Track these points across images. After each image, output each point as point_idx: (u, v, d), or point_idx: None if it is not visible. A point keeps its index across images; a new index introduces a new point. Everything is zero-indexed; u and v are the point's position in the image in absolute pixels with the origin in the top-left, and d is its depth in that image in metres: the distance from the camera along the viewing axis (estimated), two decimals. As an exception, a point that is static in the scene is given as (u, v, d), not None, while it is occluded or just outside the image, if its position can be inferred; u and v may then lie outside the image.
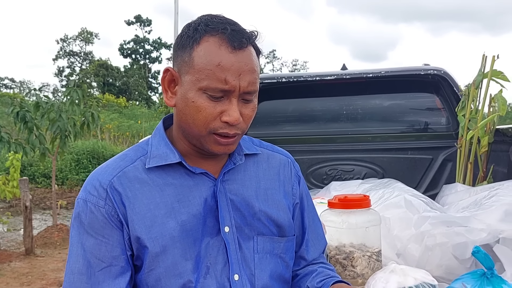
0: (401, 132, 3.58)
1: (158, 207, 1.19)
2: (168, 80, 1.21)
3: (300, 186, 1.43)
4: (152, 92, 45.98)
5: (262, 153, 1.38)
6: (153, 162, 1.22)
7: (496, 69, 2.44)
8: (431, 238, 1.81)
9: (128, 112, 24.05)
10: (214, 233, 1.22)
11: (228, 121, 1.14)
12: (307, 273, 1.38)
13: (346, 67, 3.70)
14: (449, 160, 3.42)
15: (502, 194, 1.83)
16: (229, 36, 1.12)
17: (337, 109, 3.65)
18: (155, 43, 46.38)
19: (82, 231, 1.19)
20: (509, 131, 2.45)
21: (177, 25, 10.54)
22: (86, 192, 1.21)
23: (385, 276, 1.71)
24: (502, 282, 1.57)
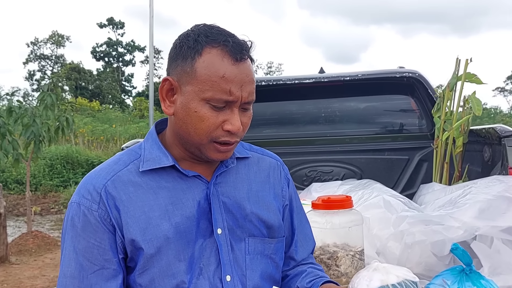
0: (378, 134, 3.66)
1: (152, 209, 1.21)
2: (166, 89, 1.23)
3: (289, 188, 1.46)
4: (126, 96, 45.57)
5: (252, 156, 1.41)
6: (147, 166, 1.24)
7: (469, 72, 2.53)
8: (410, 236, 1.87)
9: (102, 116, 23.74)
10: (207, 235, 1.24)
11: (231, 130, 1.18)
12: (297, 273, 1.41)
13: (323, 71, 3.77)
14: (424, 160, 3.50)
15: (475, 192, 1.90)
16: (231, 48, 1.16)
17: (316, 112, 3.71)
18: (129, 46, 45.93)
19: (74, 234, 1.20)
20: (483, 132, 2.54)
21: (152, 29, 10.47)
22: (79, 195, 1.22)
23: (368, 275, 1.75)
24: (481, 277, 1.63)
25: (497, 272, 1.78)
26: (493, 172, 2.37)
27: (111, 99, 41.39)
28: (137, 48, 46.16)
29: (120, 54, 45.77)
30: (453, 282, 1.65)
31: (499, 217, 1.76)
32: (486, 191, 1.87)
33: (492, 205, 1.79)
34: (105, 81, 42.22)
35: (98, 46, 45.53)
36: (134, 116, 26.34)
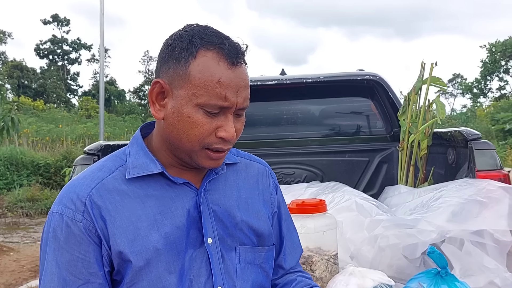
0: (339, 136, 3.69)
1: (140, 219, 1.14)
2: (156, 92, 1.16)
3: (278, 194, 1.42)
4: (71, 95, 44.31)
5: (240, 162, 1.37)
6: (134, 173, 1.18)
7: (434, 76, 2.58)
8: (384, 239, 1.88)
9: (47, 115, 22.96)
10: (197, 245, 1.19)
11: (225, 137, 1.13)
12: (286, 282, 1.38)
13: (285, 72, 3.76)
14: (384, 162, 3.56)
15: (447, 196, 1.93)
16: (227, 52, 1.11)
17: (278, 114, 3.70)
18: (74, 44, 44.66)
19: (57, 247, 1.12)
20: (447, 135, 2.59)
21: (103, 27, 10.22)
22: (62, 205, 1.14)
23: (344, 279, 1.75)
24: (455, 280, 1.65)
25: (468, 273, 1.81)
26: (459, 175, 2.42)
27: (56, 98, 40.17)
28: (84, 46, 44.99)
29: (65, 52, 44.46)
30: (429, 285, 1.66)
31: (472, 221, 1.79)
32: (458, 195, 1.90)
33: (464, 209, 1.82)
34: (50, 80, 40.88)
35: (42, 43, 44.07)
36: (80, 116, 25.63)
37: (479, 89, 28.32)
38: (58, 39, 44.01)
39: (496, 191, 1.87)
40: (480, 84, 28.15)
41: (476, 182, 1.99)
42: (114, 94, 38.87)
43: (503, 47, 24.68)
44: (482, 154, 2.27)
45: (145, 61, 45.94)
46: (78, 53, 45.14)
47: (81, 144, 16.17)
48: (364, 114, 3.69)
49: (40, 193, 10.90)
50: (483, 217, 1.81)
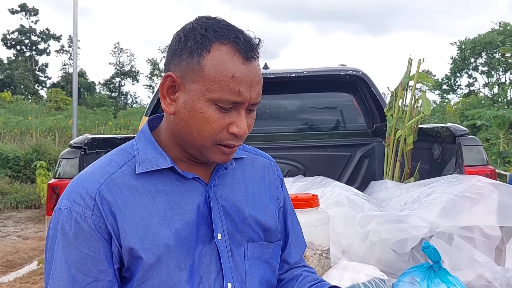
0: (321, 130, 3.70)
1: (151, 215, 1.12)
2: (167, 86, 1.13)
3: (283, 189, 1.42)
4: (39, 86, 43.37)
5: (246, 156, 1.35)
6: (144, 167, 1.15)
7: (421, 72, 2.60)
8: (376, 234, 1.89)
9: (15, 107, 22.43)
10: (206, 240, 1.18)
11: (237, 133, 1.11)
12: (292, 277, 1.37)
13: (267, 66, 3.76)
14: (366, 157, 3.59)
15: (438, 192, 1.96)
16: (242, 46, 1.09)
17: (260, 108, 3.68)
18: (43, 34, 43.69)
19: (66, 243, 1.09)
20: (433, 131, 2.62)
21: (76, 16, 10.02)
22: (70, 201, 1.11)
23: (338, 274, 1.75)
24: (448, 274, 1.68)
25: (458, 267, 1.83)
26: (446, 170, 2.45)
27: (24, 90, 39.25)
28: (53, 36, 44.05)
29: (33, 42, 43.46)
30: (422, 279, 1.68)
31: (463, 216, 1.82)
32: (449, 191, 1.92)
33: (456, 205, 1.85)
34: (17, 71, 39.94)
35: (9, 33, 42.96)
36: (49, 108, 25.12)
37: (448, 86, 28.87)
38: (26, 29, 42.98)
39: (486, 187, 1.90)
40: (450, 81, 28.71)
41: (466, 179, 2.02)
42: (84, 86, 38.22)
43: (473, 44, 25.19)
44: (470, 150, 2.31)
45: (116, 53, 45.31)
46: (46, 44, 44.20)
47: (51, 136, 15.88)
48: (346, 109, 3.72)
49: (10, 187, 10.67)
50: (473, 213, 1.84)
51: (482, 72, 27.49)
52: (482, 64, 27.03)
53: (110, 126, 19.46)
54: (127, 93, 45.26)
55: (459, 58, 27.10)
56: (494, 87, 23.87)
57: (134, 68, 45.08)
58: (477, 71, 27.81)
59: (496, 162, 9.25)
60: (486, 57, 26.29)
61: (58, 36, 44.16)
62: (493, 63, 25.25)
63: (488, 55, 25.99)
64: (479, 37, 25.18)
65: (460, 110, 18.97)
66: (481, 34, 25.22)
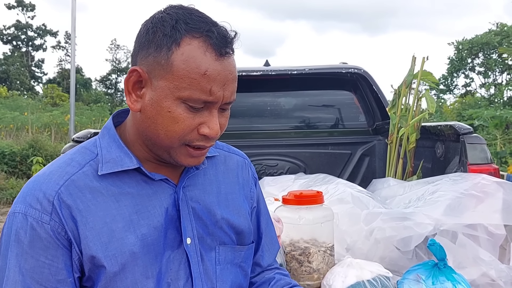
0: (322, 128, 3.70)
1: (115, 220, 1.04)
2: (133, 81, 1.06)
3: (257, 188, 1.35)
4: (35, 82, 43.19)
5: (219, 154, 1.28)
6: (107, 168, 1.07)
7: (425, 70, 2.60)
8: (380, 232, 1.88)
9: (11, 103, 22.32)
10: (175, 245, 1.10)
11: (208, 134, 1.04)
12: (264, 281, 1.32)
13: (269, 64, 3.75)
14: (366, 155, 3.59)
15: (443, 190, 1.96)
16: (215, 41, 1.00)
17: (262, 105, 3.68)
18: (39, 30, 43.46)
19: (20, 252, 1.00)
20: (436, 129, 2.62)
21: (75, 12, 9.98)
22: (26, 205, 1.02)
23: (343, 271, 1.75)
24: (452, 272, 1.68)
25: (462, 265, 1.83)
26: (449, 168, 2.45)
27: (20, 85, 39.06)
28: (49, 32, 43.84)
29: (30, 38, 43.20)
30: (427, 276, 1.68)
31: (468, 214, 1.82)
32: (454, 189, 1.92)
33: (461, 203, 1.85)
34: (13, 66, 39.72)
35: (5, 28, 42.70)
36: (45, 104, 25.02)
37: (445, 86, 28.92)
38: (22, 25, 42.75)
39: (491, 186, 1.90)
40: (447, 81, 28.76)
41: (471, 177, 2.02)
42: (80, 83, 38.05)
43: (470, 45, 25.25)
44: (474, 148, 2.31)
45: (112, 49, 45.15)
46: (43, 40, 43.95)
47: (47, 132, 15.81)
48: (347, 107, 3.72)
49: (5, 182, 10.60)
50: (478, 211, 1.84)
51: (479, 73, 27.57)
52: (479, 64, 27.10)
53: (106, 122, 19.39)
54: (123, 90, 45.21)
55: (456, 58, 27.16)
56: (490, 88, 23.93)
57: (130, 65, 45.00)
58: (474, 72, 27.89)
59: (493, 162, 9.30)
60: (483, 58, 26.37)
61: (54, 32, 43.93)
62: (490, 64, 25.31)
63: (485, 55, 26.07)
64: (476, 38, 25.24)
65: (457, 110, 19.01)
66: (478, 35, 25.29)
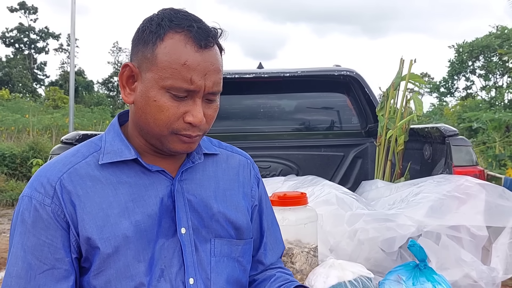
0: (315, 130, 3.72)
1: (111, 206, 1.13)
2: (126, 76, 1.15)
3: (259, 188, 1.41)
4: (38, 85, 43.29)
5: (221, 153, 1.35)
6: (107, 158, 1.17)
7: (413, 72, 2.62)
8: (364, 233, 1.90)
9: (13, 105, 22.39)
10: (169, 234, 1.18)
11: (192, 122, 1.11)
12: (265, 278, 1.36)
13: (262, 66, 3.77)
14: (359, 157, 3.61)
15: (426, 191, 1.97)
16: (195, 34, 1.09)
17: (255, 107, 3.70)
18: (42, 33, 43.57)
19: (24, 230, 1.11)
20: (424, 131, 2.64)
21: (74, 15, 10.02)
22: (32, 189, 1.13)
23: (325, 272, 1.76)
24: (433, 273, 1.69)
25: (445, 267, 1.84)
26: (435, 170, 2.46)
27: (22, 88, 39.16)
28: (51, 35, 43.97)
29: (32, 40, 43.35)
30: (408, 277, 1.69)
31: (450, 216, 1.83)
32: (437, 190, 1.93)
33: (443, 204, 1.86)
34: (15, 69, 39.81)
35: (8, 31, 42.83)
36: (47, 107, 25.08)
37: (446, 88, 28.90)
38: (25, 27, 42.90)
39: (474, 187, 1.91)
40: (448, 84, 28.74)
41: (454, 179, 2.03)
42: (82, 85, 38.14)
43: (470, 47, 25.22)
44: (459, 150, 2.32)
45: (114, 52, 45.26)
46: (45, 42, 44.08)
47: (48, 134, 15.85)
48: (340, 110, 3.73)
49: (5, 184, 10.64)
50: (460, 212, 1.85)
51: (480, 75, 27.53)
52: (480, 67, 27.07)
53: (107, 124, 19.45)
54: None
55: (457, 61, 27.13)
56: (491, 90, 23.90)
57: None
58: (475, 74, 27.85)
59: (492, 165, 9.27)
60: (484, 60, 26.33)
61: (57, 34, 44.08)
62: (491, 67, 25.28)
63: (485, 58, 26.03)
64: (476, 40, 25.21)
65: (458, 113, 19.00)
66: (479, 38, 25.26)
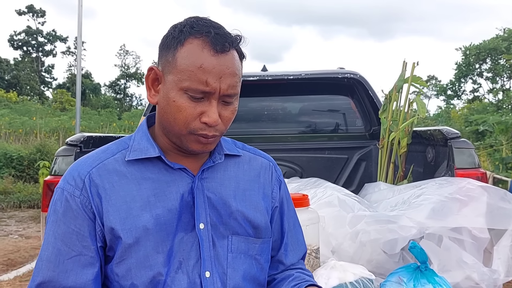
0: (319, 133, 3.72)
1: (134, 200, 1.22)
2: (152, 78, 1.25)
3: (281, 190, 1.45)
4: (45, 87, 43.52)
5: (244, 155, 1.41)
6: (133, 155, 1.26)
7: (415, 75, 2.62)
8: (365, 234, 1.90)
9: (21, 107, 22.52)
10: (188, 229, 1.24)
11: (207, 122, 1.18)
12: (284, 277, 1.40)
13: (266, 69, 3.78)
14: (363, 159, 3.61)
15: (428, 193, 1.97)
16: (212, 39, 1.16)
17: (259, 110, 3.72)
18: (49, 36, 43.80)
19: (55, 219, 1.21)
20: (427, 133, 2.64)
21: (81, 18, 10.07)
22: (64, 181, 1.24)
23: (326, 273, 1.77)
24: (434, 274, 1.69)
25: (446, 269, 1.85)
26: (438, 173, 2.46)
27: (30, 91, 39.38)
28: (59, 38, 44.19)
29: (40, 43, 43.58)
30: (409, 279, 1.70)
31: (452, 218, 1.83)
32: (439, 193, 1.94)
33: (445, 206, 1.86)
34: (23, 71, 40.03)
35: (16, 34, 43.09)
36: (54, 109, 25.21)
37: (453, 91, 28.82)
38: (33, 30, 43.15)
39: (475, 190, 1.92)
40: (455, 86, 28.66)
41: (456, 181, 2.03)
42: (89, 88, 38.30)
43: (477, 50, 25.14)
44: (461, 153, 2.32)
45: (121, 55, 45.42)
46: (53, 45, 44.28)
47: (56, 137, 15.93)
48: (344, 112, 3.74)
49: (13, 186, 10.71)
50: (462, 214, 1.85)
51: (487, 78, 27.44)
52: (487, 70, 26.98)
53: (114, 127, 19.54)
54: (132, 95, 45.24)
55: (464, 64, 27.04)
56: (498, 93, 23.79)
57: (139, 70, 45.16)
58: (482, 77, 27.75)
59: (499, 168, 9.22)
60: (491, 63, 26.24)
61: (64, 37, 44.27)
62: (498, 69, 25.20)
63: (492, 61, 25.94)
64: (483, 43, 25.13)
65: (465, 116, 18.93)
66: (486, 40, 25.18)
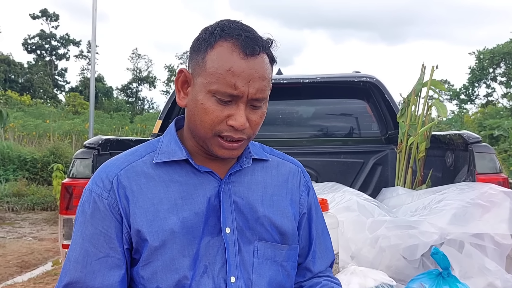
0: (334, 137, 3.70)
1: (162, 202, 1.21)
2: (181, 81, 1.24)
3: (309, 196, 1.42)
4: (58, 91, 43.87)
5: (272, 160, 1.38)
6: (161, 158, 1.25)
7: (434, 79, 2.59)
8: (385, 240, 1.88)
9: (34, 110, 22.72)
10: (215, 233, 1.22)
11: (234, 125, 1.16)
12: (312, 285, 1.37)
13: (281, 72, 3.77)
14: (379, 164, 3.58)
15: (449, 198, 1.94)
16: (242, 42, 1.15)
17: (273, 113, 3.70)
18: (63, 39, 44.20)
19: (83, 220, 1.21)
20: (446, 138, 2.60)
21: (95, 22, 10.13)
22: (93, 182, 1.24)
23: (346, 278, 1.75)
24: (457, 281, 1.67)
25: (468, 275, 1.82)
26: (458, 177, 2.43)
27: (43, 94, 39.72)
28: (72, 42, 44.56)
29: (53, 47, 43.98)
30: (430, 285, 1.67)
31: (474, 223, 1.80)
32: (460, 198, 1.91)
33: (467, 212, 1.83)
34: (37, 75, 40.42)
35: (30, 38, 43.56)
36: (67, 112, 25.40)
37: (466, 95, 28.61)
38: (46, 34, 43.56)
39: (498, 195, 1.89)
40: (468, 91, 28.45)
41: (478, 186, 2.00)
42: (102, 91, 38.55)
43: (491, 54, 24.96)
44: (483, 158, 2.29)
45: (134, 58, 45.68)
46: (66, 49, 44.68)
47: (69, 140, 16.03)
48: (359, 116, 3.71)
49: (27, 188, 10.78)
50: (484, 220, 1.82)
51: (501, 82, 27.20)
52: (501, 74, 26.75)
53: (126, 130, 19.66)
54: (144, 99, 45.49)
55: (477, 68, 26.84)
56: (512, 98, 23.58)
57: (151, 74, 45.41)
58: (496, 81, 27.52)
59: (513, 173, 9.13)
60: (505, 67, 26.01)
61: (77, 41, 44.64)
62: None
63: (507, 65, 25.73)
64: (497, 47, 24.93)
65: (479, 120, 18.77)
66: (500, 44, 24.97)
